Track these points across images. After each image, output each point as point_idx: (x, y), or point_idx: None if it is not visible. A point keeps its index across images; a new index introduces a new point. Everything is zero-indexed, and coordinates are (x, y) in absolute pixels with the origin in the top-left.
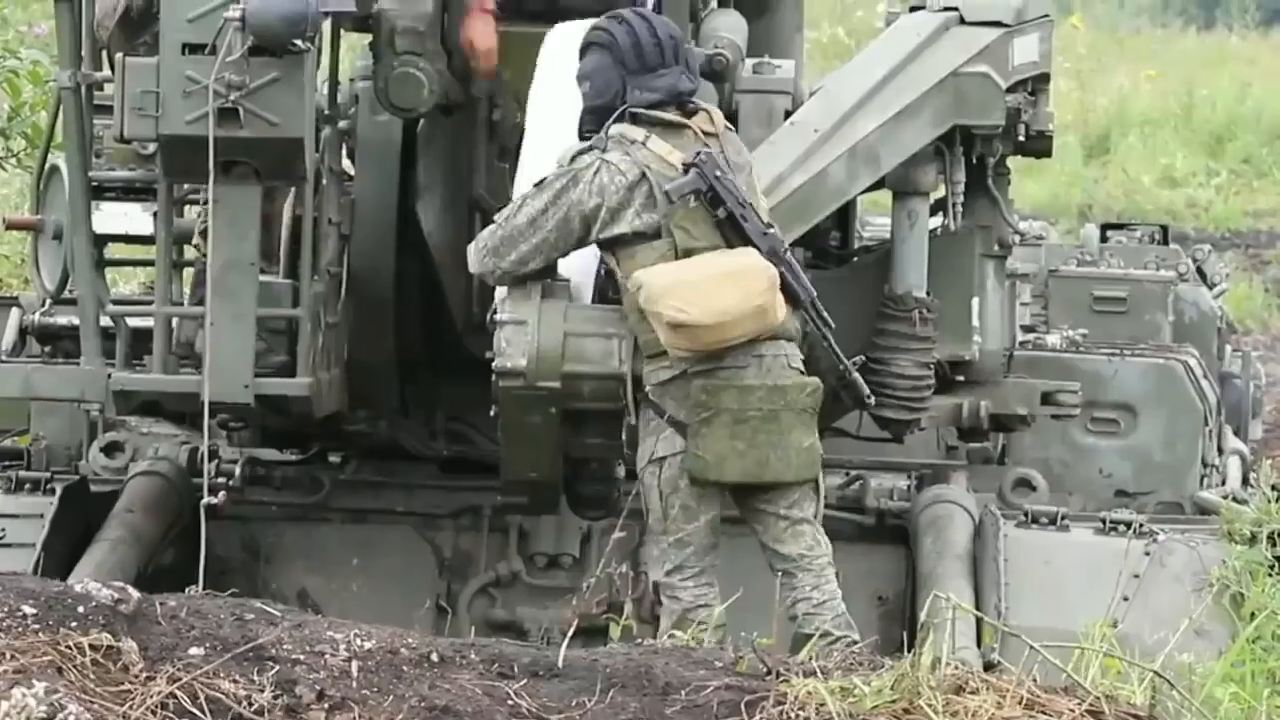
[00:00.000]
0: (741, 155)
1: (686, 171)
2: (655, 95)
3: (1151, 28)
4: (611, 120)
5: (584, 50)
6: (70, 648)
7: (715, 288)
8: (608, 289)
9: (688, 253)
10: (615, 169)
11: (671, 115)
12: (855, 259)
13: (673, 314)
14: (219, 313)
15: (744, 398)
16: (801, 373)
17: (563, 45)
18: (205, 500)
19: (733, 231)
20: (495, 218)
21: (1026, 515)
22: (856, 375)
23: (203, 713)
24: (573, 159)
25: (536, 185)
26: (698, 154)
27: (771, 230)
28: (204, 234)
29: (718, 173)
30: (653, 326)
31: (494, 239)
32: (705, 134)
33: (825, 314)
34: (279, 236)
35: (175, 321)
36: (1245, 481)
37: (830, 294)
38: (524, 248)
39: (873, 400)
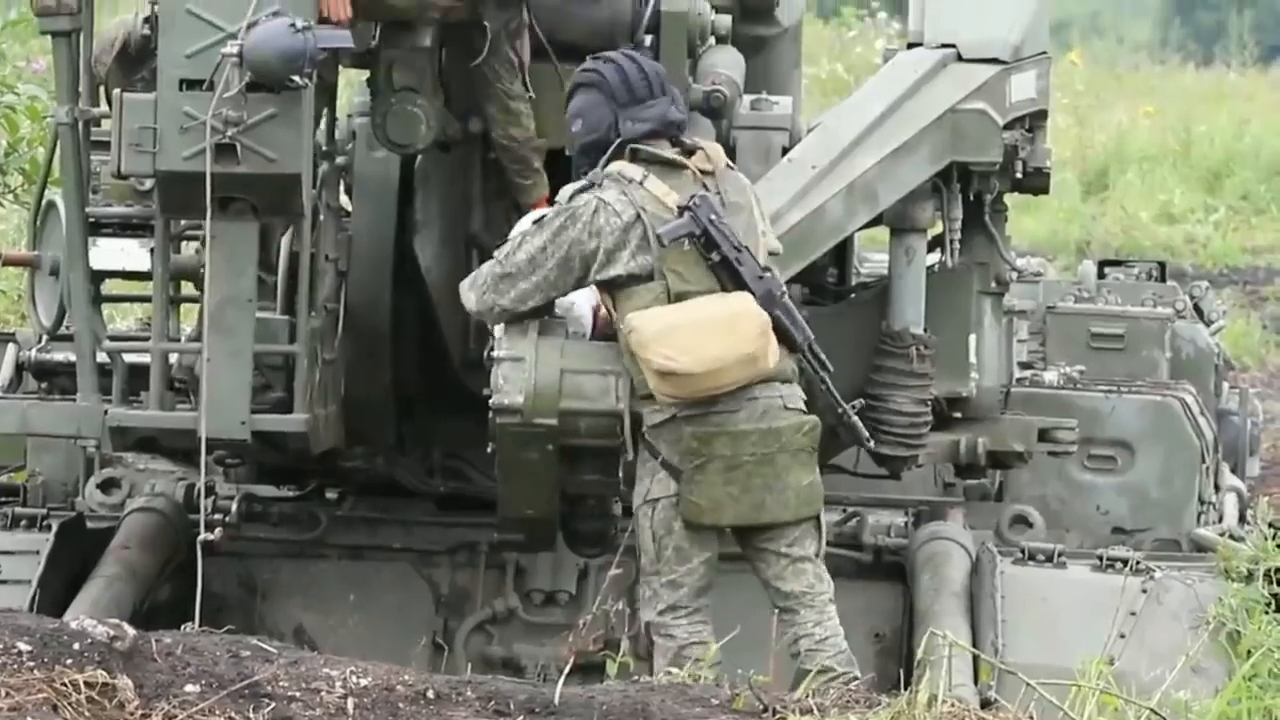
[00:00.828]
0: (744, 194)
1: (681, 214)
2: (647, 125)
3: (1150, 64)
4: (608, 155)
5: (572, 92)
6: (65, 685)
7: (706, 335)
8: (604, 326)
9: (681, 296)
10: (611, 209)
11: (670, 153)
12: (853, 295)
13: (661, 362)
14: (216, 349)
15: (736, 444)
16: (802, 411)
17: None
18: (202, 536)
19: (727, 275)
20: (495, 254)
21: (1023, 552)
22: (855, 418)
23: None
24: (571, 197)
25: (536, 222)
26: (692, 197)
27: (768, 274)
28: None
29: (712, 216)
30: (638, 370)
31: (493, 276)
32: (703, 173)
33: (823, 356)
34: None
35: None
36: (1242, 519)
37: (827, 330)
38: (524, 285)
39: (872, 442)
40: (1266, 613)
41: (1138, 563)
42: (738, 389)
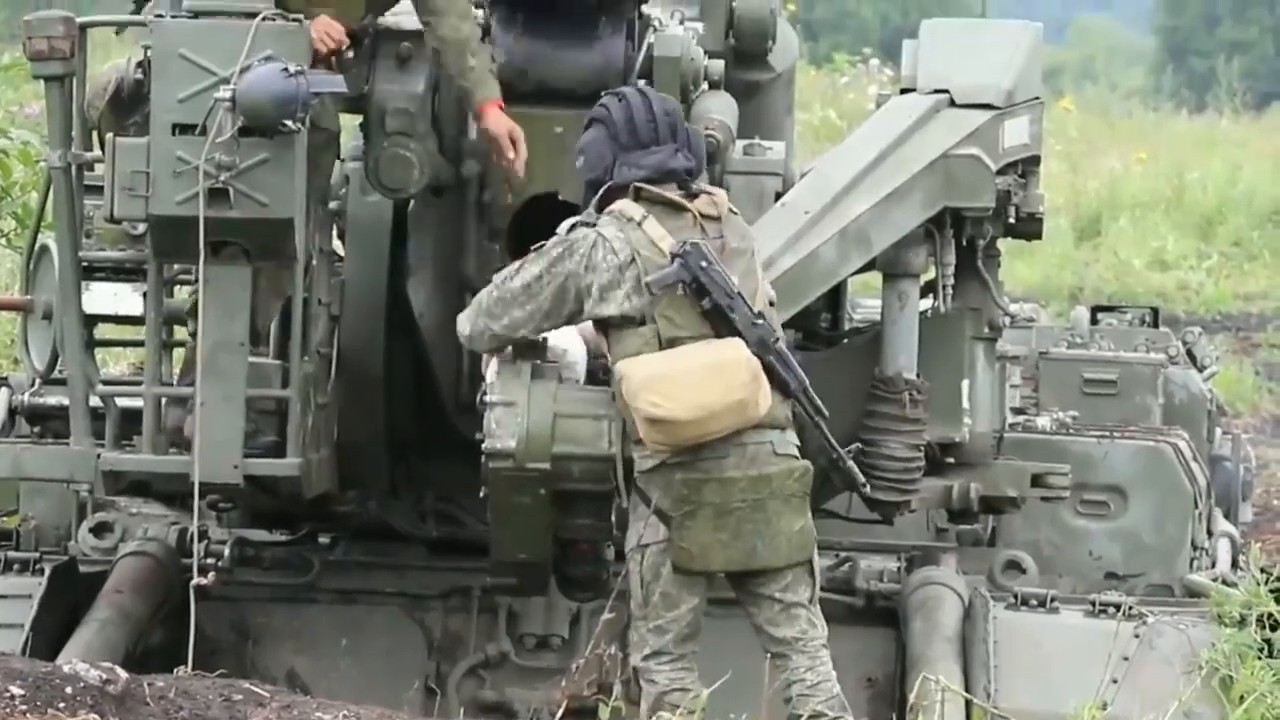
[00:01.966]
0: (745, 240)
1: (672, 260)
2: (641, 173)
3: (1143, 111)
4: (598, 195)
5: (587, 124)
6: None
7: (695, 382)
8: (598, 369)
9: (672, 341)
10: (609, 246)
11: (674, 196)
12: (845, 340)
13: (649, 409)
14: (209, 393)
15: (726, 490)
16: (794, 456)
17: None
18: (194, 581)
19: (719, 321)
20: (493, 278)
21: (1016, 597)
22: (851, 463)
23: None
24: (570, 229)
25: (535, 249)
26: (684, 244)
27: (761, 321)
28: (192, 312)
29: (704, 263)
30: (627, 416)
31: (489, 300)
32: (706, 217)
33: (818, 401)
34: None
35: (164, 403)
36: (1235, 564)
37: (821, 376)
38: (517, 313)
39: (867, 487)
40: (1259, 658)
41: (1130, 608)
42: (728, 435)
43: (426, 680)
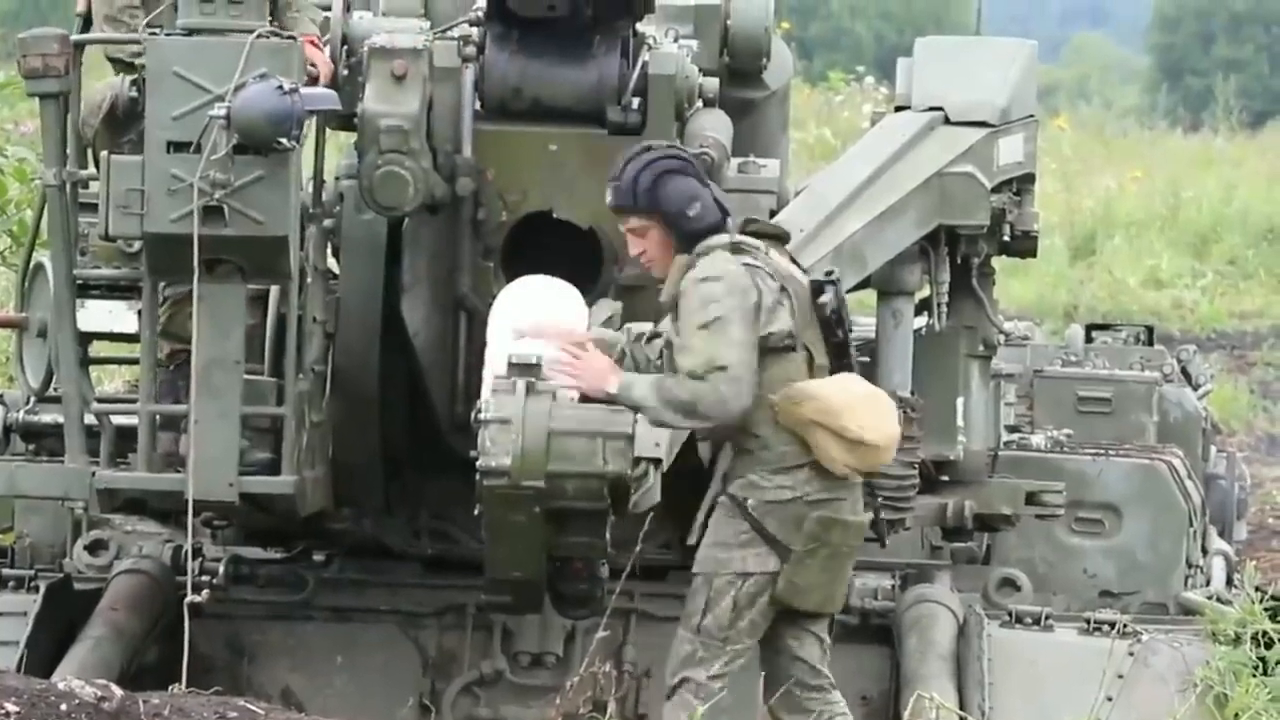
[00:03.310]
0: None
1: (818, 288)
2: (726, 202)
3: (1138, 129)
4: (705, 226)
5: (663, 178)
6: None
7: (881, 410)
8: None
9: (816, 370)
10: (763, 272)
11: (775, 227)
12: None
13: (856, 431)
14: (204, 411)
15: (845, 534)
16: None
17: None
18: (189, 598)
19: (841, 354)
20: (683, 366)
21: (1010, 615)
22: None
23: None
24: (702, 255)
25: (703, 327)
26: (828, 273)
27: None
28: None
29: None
30: (812, 440)
31: (721, 384)
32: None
33: None
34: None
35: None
36: (1229, 582)
37: None
38: (746, 362)
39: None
40: (1254, 676)
41: (1125, 626)
42: (851, 479)
43: (421, 698)
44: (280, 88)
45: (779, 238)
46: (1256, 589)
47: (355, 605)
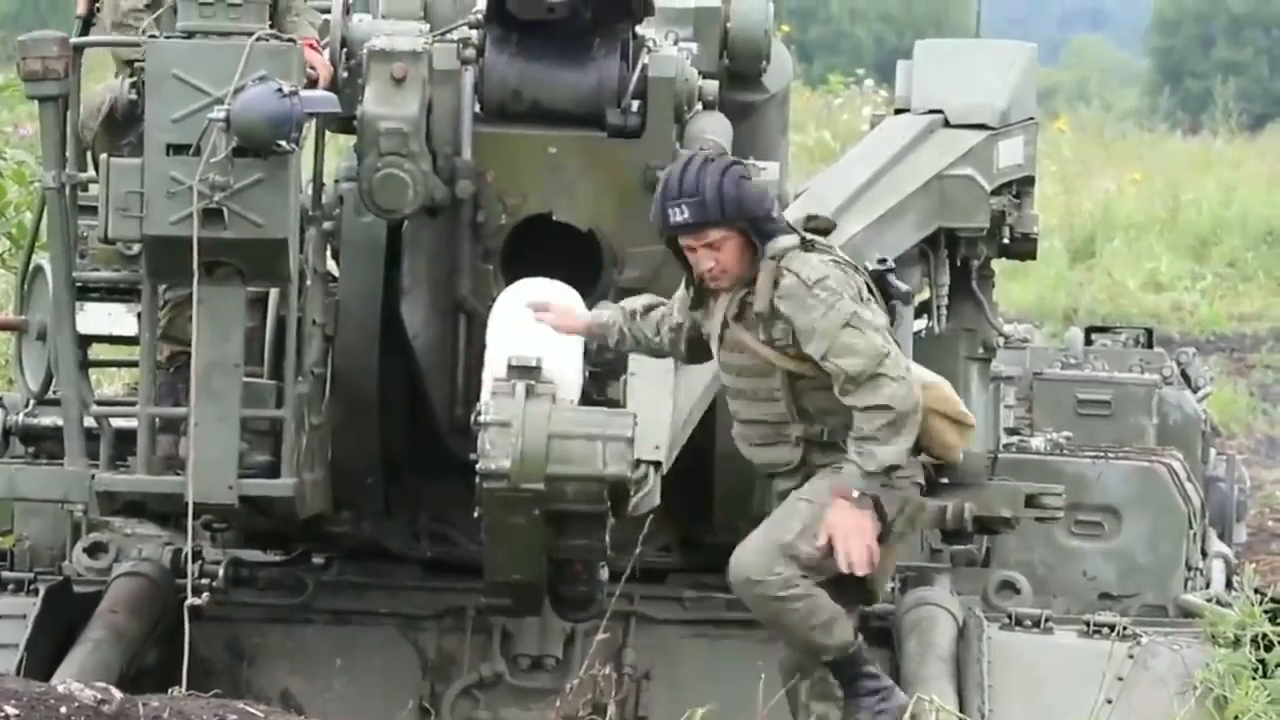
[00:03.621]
0: None
1: (881, 279)
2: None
3: (1137, 132)
4: (780, 227)
5: (742, 184)
6: None
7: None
8: (592, 390)
9: None
10: (844, 264)
11: (827, 221)
12: None
13: (970, 417)
14: (203, 414)
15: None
16: None
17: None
18: (189, 601)
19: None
20: (851, 369)
21: (1010, 618)
22: None
23: None
24: (778, 258)
25: (846, 325)
26: (881, 260)
27: None
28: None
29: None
30: (928, 427)
31: (893, 351)
32: None
33: None
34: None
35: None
36: (1229, 585)
37: None
38: (890, 337)
39: None
40: (1253, 678)
41: (1125, 628)
42: None
43: (421, 701)
44: (280, 90)
45: (826, 231)
46: (1256, 591)
47: (355, 608)
